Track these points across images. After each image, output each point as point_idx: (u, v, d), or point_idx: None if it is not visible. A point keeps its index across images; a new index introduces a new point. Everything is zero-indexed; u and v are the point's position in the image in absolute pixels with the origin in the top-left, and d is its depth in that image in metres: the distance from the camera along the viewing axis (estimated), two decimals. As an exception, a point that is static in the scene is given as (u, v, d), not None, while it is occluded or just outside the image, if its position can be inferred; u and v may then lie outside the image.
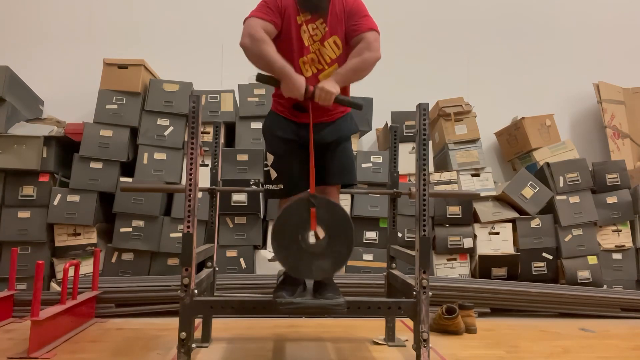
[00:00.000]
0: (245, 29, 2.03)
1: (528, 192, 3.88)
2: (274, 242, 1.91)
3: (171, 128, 3.82)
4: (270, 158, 2.20)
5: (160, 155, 3.78)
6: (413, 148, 3.80)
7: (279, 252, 1.91)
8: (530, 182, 3.90)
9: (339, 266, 1.97)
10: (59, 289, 3.35)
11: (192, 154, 1.99)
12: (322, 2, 2.07)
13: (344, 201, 3.71)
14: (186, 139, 2.06)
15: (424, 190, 2.03)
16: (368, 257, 3.70)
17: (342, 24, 2.11)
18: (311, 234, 1.89)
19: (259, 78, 2.06)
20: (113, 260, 3.62)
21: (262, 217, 3.71)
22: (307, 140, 2.08)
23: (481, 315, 3.30)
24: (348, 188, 2.38)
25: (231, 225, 3.67)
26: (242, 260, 3.63)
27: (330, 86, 1.99)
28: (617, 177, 4.01)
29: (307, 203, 1.91)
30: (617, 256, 3.94)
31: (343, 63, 2.12)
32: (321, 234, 1.90)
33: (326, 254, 1.90)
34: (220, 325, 2.85)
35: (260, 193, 3.66)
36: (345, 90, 2.15)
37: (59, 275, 3.56)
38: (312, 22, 2.09)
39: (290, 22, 2.08)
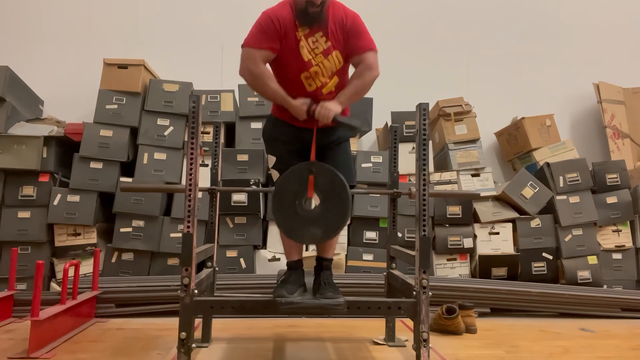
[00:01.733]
0: (242, 60, 2.09)
1: (528, 192, 3.88)
2: (274, 202, 1.96)
3: (171, 128, 3.82)
4: (272, 160, 2.22)
5: (160, 155, 3.78)
6: (413, 148, 3.80)
7: (276, 213, 1.96)
8: (530, 182, 3.90)
9: (331, 235, 2.02)
10: (59, 289, 3.35)
11: (192, 154, 1.99)
12: (320, 14, 2.08)
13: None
14: (186, 139, 2.06)
15: (424, 190, 2.03)
16: (368, 257, 3.70)
17: (342, 40, 2.13)
18: (310, 200, 1.97)
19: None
20: (113, 260, 3.62)
21: (262, 217, 3.71)
22: (307, 142, 2.12)
23: (481, 315, 3.30)
24: None
25: (231, 225, 3.67)
26: (242, 260, 3.63)
27: (331, 105, 2.07)
28: (617, 177, 4.01)
29: (308, 169, 1.99)
30: (617, 256, 3.94)
31: (342, 76, 2.18)
32: (317, 201, 1.97)
33: (320, 221, 1.96)
34: (220, 325, 2.85)
35: (260, 193, 3.66)
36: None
37: (59, 275, 3.56)
38: (312, 35, 2.10)
39: (289, 40, 2.09)
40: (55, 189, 3.63)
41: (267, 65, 2.14)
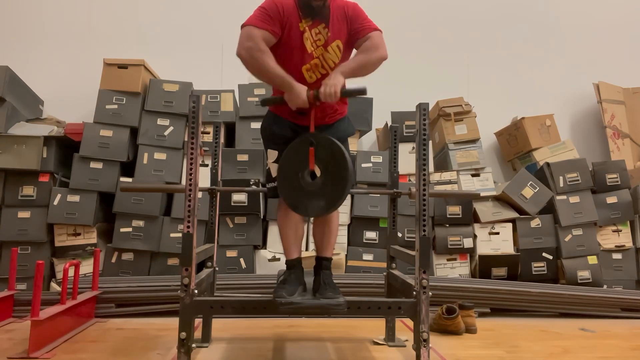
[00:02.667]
0: (242, 38, 2.02)
1: (528, 192, 3.88)
2: (279, 179, 1.98)
3: (171, 128, 3.82)
4: (272, 155, 2.21)
5: (160, 155, 3.78)
6: (413, 148, 3.80)
7: (282, 188, 1.98)
8: (530, 182, 3.90)
9: (334, 206, 2.01)
10: (59, 289, 3.35)
11: (192, 154, 1.99)
12: (323, 8, 2.09)
13: (344, 201, 3.71)
14: (186, 139, 2.06)
15: (424, 190, 2.03)
16: (368, 257, 3.70)
17: (343, 29, 2.13)
18: (311, 172, 1.98)
19: (264, 102, 2.11)
20: (113, 260, 3.62)
21: (262, 217, 3.71)
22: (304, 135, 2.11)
23: (481, 315, 3.30)
24: None
25: (231, 225, 3.67)
26: (242, 260, 3.63)
27: (334, 79, 1.99)
28: (617, 177, 4.01)
29: (308, 141, 2.00)
30: (617, 256, 3.94)
31: None
32: (318, 172, 1.97)
33: (322, 193, 1.97)
34: (220, 325, 2.85)
35: (260, 193, 3.66)
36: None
37: (59, 275, 3.56)
38: (315, 27, 2.10)
39: (292, 30, 2.08)
40: (55, 189, 3.63)
41: None
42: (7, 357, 2.29)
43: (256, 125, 3.88)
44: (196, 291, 1.96)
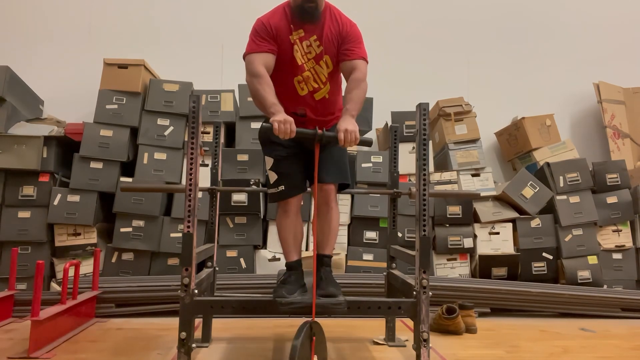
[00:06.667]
0: (246, 67, 2.08)
1: (528, 192, 3.88)
2: None
3: (171, 128, 3.82)
4: (269, 162, 2.22)
5: (160, 155, 3.78)
6: (413, 148, 3.80)
7: None
8: (530, 182, 3.90)
9: None
10: (59, 289, 3.35)
11: (192, 154, 1.99)
12: (316, 12, 2.10)
13: (344, 201, 3.72)
14: (186, 139, 2.06)
15: (424, 190, 2.03)
16: (368, 257, 3.70)
17: (335, 45, 2.15)
18: None
19: (262, 128, 1.98)
20: (113, 260, 3.62)
21: (262, 217, 3.71)
22: (305, 147, 2.14)
23: (481, 315, 3.30)
24: (344, 189, 2.38)
25: (231, 225, 3.67)
26: (242, 260, 3.63)
27: (353, 126, 1.97)
28: (617, 177, 4.01)
29: (310, 332, 1.87)
30: (617, 256, 3.94)
31: (335, 82, 2.20)
32: None
33: None
34: (220, 325, 2.85)
35: (260, 193, 3.66)
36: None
37: (59, 275, 3.56)
38: (306, 39, 2.12)
39: (283, 43, 2.11)
40: (55, 189, 3.63)
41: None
42: (7, 357, 2.29)
43: (256, 125, 3.88)
44: (196, 291, 1.96)
